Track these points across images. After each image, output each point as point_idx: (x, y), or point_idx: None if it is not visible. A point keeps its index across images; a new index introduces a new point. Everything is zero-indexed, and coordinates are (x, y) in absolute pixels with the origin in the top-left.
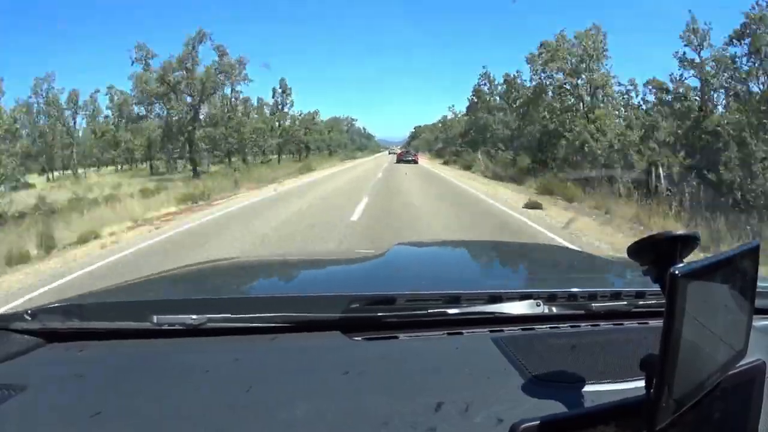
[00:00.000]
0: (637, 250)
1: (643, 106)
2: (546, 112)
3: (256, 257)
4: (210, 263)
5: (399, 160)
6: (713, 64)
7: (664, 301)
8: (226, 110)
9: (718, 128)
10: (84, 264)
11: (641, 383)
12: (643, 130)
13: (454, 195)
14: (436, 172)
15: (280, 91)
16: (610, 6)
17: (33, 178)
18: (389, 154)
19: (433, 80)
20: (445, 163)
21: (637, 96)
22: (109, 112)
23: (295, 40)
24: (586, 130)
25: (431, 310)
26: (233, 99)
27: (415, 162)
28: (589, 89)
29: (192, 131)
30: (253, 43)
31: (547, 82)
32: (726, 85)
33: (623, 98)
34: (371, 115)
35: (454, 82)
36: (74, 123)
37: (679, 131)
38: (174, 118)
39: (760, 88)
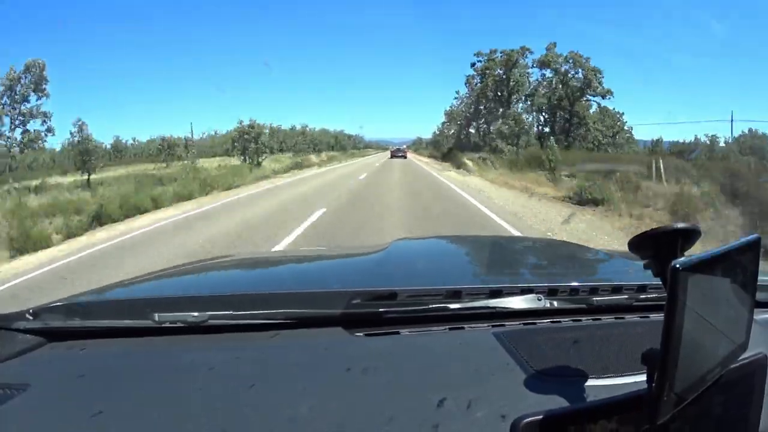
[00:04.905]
0: (637, 243)
1: None
2: None
3: (257, 254)
4: (211, 260)
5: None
6: None
7: (665, 294)
8: None
9: None
10: None
11: (643, 377)
12: None
13: None
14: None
15: None
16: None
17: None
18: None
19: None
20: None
21: None
22: None
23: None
24: None
25: (432, 306)
26: None
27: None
28: None
29: None
30: (253, 43)
31: None
32: None
33: None
34: (379, 118)
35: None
36: None
37: None
38: None
39: None
